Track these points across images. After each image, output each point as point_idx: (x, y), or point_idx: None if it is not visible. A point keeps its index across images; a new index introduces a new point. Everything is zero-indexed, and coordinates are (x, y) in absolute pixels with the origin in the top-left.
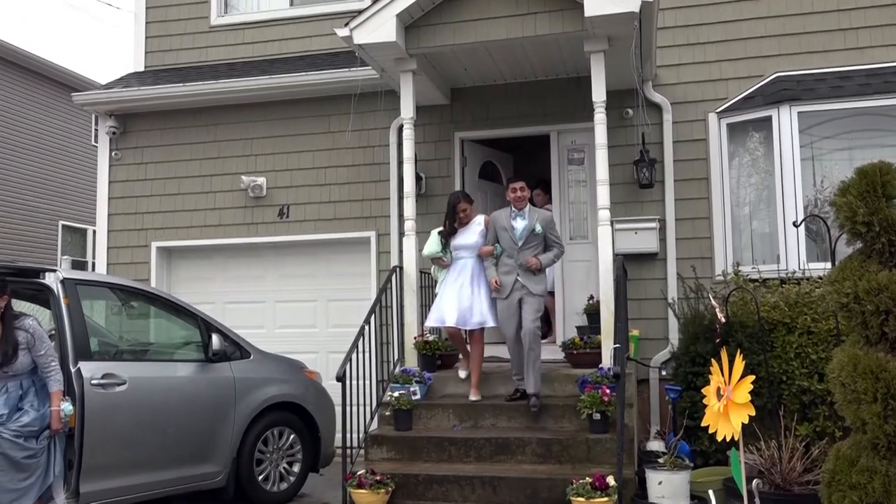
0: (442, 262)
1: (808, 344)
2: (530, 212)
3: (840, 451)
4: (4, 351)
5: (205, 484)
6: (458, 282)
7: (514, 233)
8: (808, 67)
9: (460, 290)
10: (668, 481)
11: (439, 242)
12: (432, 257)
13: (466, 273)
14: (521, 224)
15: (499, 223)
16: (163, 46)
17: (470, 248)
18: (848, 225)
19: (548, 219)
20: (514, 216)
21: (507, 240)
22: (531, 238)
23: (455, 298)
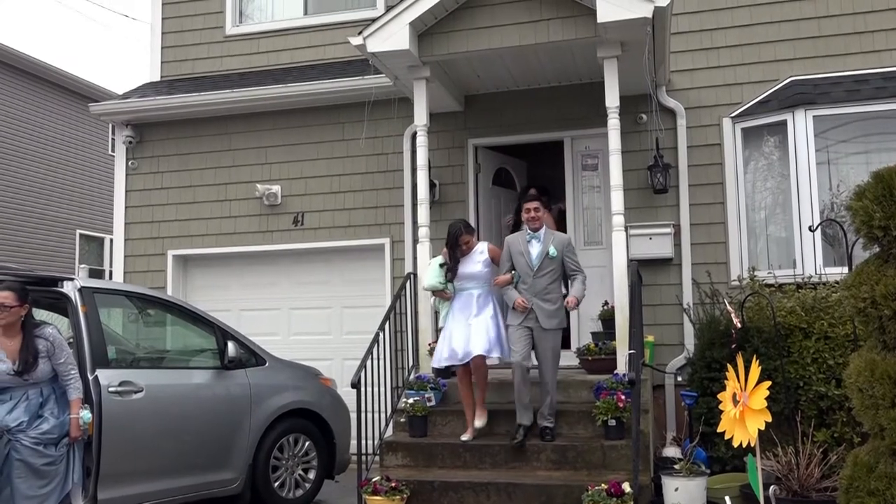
0: (444, 295)
1: (826, 349)
2: (546, 234)
3: (858, 456)
4: (25, 359)
5: (221, 491)
6: (464, 315)
7: (530, 258)
8: (823, 71)
9: (467, 323)
10: (685, 488)
11: (441, 273)
12: (433, 290)
13: (472, 305)
14: (537, 248)
15: (515, 247)
16: (178, 56)
17: (474, 279)
18: (864, 229)
19: (564, 242)
20: (529, 239)
21: (522, 265)
22: (546, 263)
23: (460, 331)
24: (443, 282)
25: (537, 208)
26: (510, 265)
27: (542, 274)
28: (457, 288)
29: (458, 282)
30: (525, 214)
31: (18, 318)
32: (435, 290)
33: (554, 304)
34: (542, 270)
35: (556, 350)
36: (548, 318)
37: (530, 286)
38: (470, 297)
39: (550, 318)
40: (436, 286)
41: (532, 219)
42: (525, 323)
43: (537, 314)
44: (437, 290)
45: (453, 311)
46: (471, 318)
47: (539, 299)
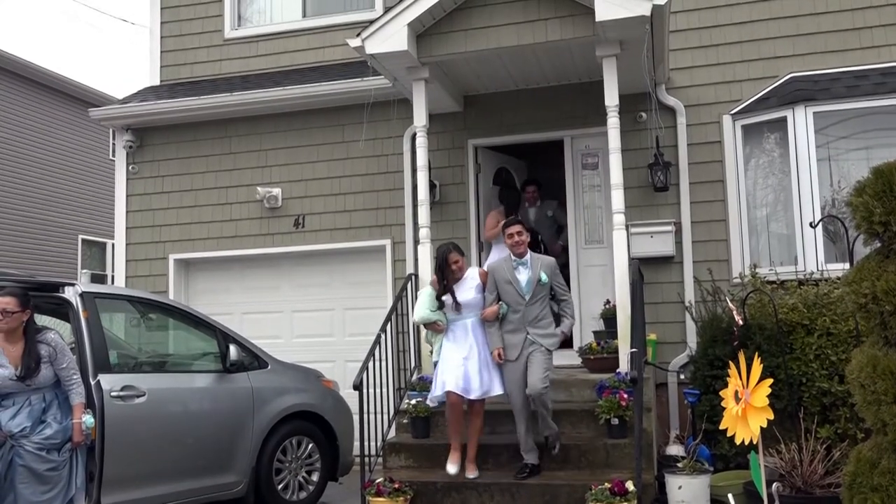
0: (438, 328)
1: (828, 345)
2: (532, 259)
3: (861, 453)
4: (27, 364)
5: (225, 494)
6: (460, 346)
7: (519, 286)
8: (822, 67)
9: (462, 356)
10: (688, 485)
11: (434, 304)
12: (426, 322)
13: (467, 335)
14: (526, 275)
15: (500, 276)
16: (178, 60)
17: (468, 307)
18: (864, 225)
19: (552, 266)
20: (515, 266)
21: (511, 294)
22: (538, 290)
23: (455, 365)
24: (434, 310)
25: (520, 232)
26: (496, 295)
27: (533, 301)
28: (449, 318)
29: (449, 311)
30: (508, 240)
31: (20, 323)
32: (427, 323)
33: (549, 329)
34: (534, 298)
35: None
36: (548, 339)
37: (522, 315)
38: (464, 328)
39: (550, 337)
40: (429, 317)
41: (516, 244)
42: (522, 358)
43: (535, 339)
44: (429, 323)
45: (447, 344)
46: (467, 350)
47: (533, 328)
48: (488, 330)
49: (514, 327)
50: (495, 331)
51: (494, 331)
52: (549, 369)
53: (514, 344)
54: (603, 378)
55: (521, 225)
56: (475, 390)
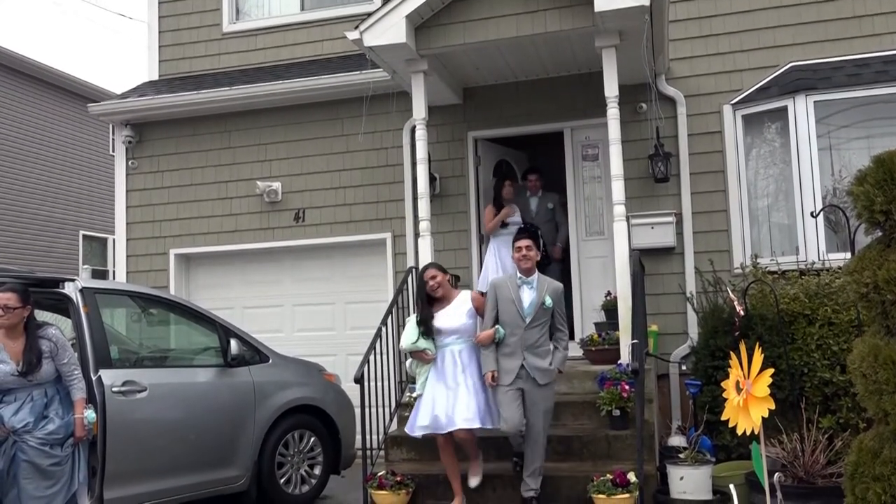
0: (426, 357)
1: (830, 335)
2: (539, 281)
3: (863, 442)
4: (29, 360)
5: (227, 488)
6: (447, 377)
7: (522, 306)
8: (823, 56)
9: (450, 386)
10: (690, 476)
11: (419, 331)
12: (412, 351)
13: (456, 365)
14: (530, 296)
15: (503, 293)
16: (176, 55)
17: (456, 333)
18: (866, 214)
19: (558, 292)
20: (520, 284)
21: (512, 314)
22: (540, 313)
23: (443, 398)
24: (425, 337)
25: (529, 246)
26: (496, 315)
27: (534, 325)
28: (437, 345)
29: (439, 337)
30: (516, 253)
31: (21, 319)
32: (414, 352)
33: (547, 358)
34: (535, 322)
35: (549, 408)
36: (543, 374)
37: (521, 338)
38: (452, 356)
39: (545, 374)
40: (417, 346)
41: (523, 258)
42: (517, 384)
43: (529, 370)
44: (416, 352)
45: (433, 374)
46: (453, 380)
47: (531, 353)
48: (483, 352)
49: (511, 351)
50: (489, 353)
51: (488, 353)
52: (550, 410)
53: (510, 369)
54: (604, 369)
55: (532, 239)
56: (460, 424)
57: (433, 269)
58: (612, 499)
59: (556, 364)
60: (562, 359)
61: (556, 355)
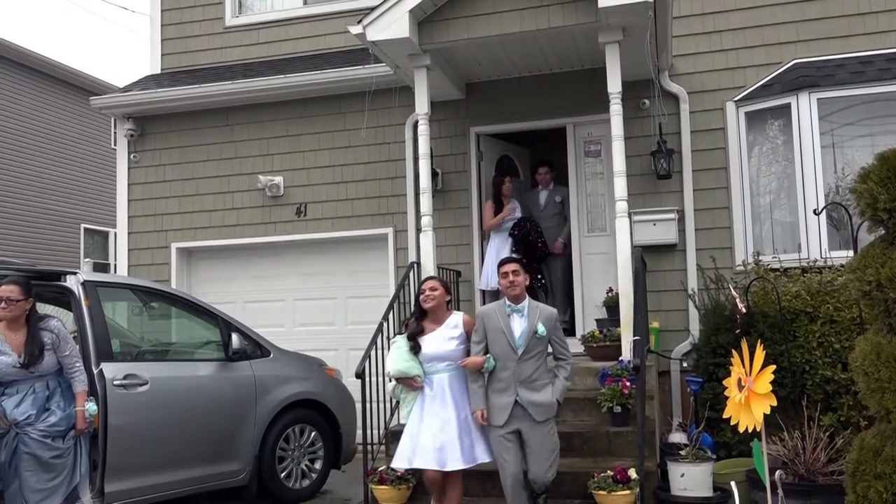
0: (415, 384)
1: (831, 333)
2: (530, 308)
3: (864, 440)
4: (31, 352)
5: (228, 482)
6: (435, 408)
7: (513, 337)
8: (827, 53)
9: (438, 419)
10: (691, 473)
11: (409, 355)
12: (400, 378)
13: (444, 395)
14: (521, 325)
15: (492, 323)
16: (178, 48)
17: (445, 359)
18: (869, 212)
19: (552, 317)
20: (510, 313)
21: (503, 346)
22: (533, 343)
23: (430, 432)
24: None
25: (516, 271)
26: (484, 346)
27: (528, 357)
28: (426, 371)
29: (426, 363)
30: (503, 280)
31: (23, 311)
32: (402, 378)
33: (544, 393)
34: (529, 353)
35: (555, 448)
36: (540, 410)
37: (514, 372)
38: (440, 385)
39: (543, 409)
40: (406, 371)
41: (510, 285)
42: (511, 425)
43: (525, 407)
44: (405, 378)
45: (418, 403)
46: (439, 413)
47: (526, 389)
48: (471, 386)
49: (503, 386)
50: (477, 388)
51: (476, 388)
52: (555, 450)
53: (502, 407)
54: (605, 366)
55: (518, 264)
56: (455, 460)
57: (436, 282)
58: (612, 495)
59: (555, 394)
60: (562, 389)
61: (556, 384)
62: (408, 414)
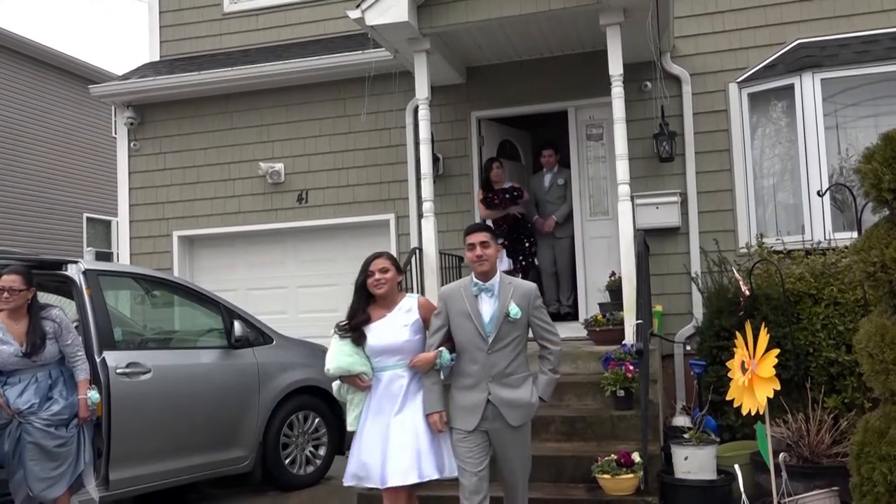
0: (361, 383)
1: (835, 315)
2: (501, 285)
3: (869, 422)
4: (33, 341)
5: (232, 469)
6: (383, 412)
7: (481, 321)
8: (831, 33)
9: (386, 426)
10: (694, 456)
11: (353, 348)
12: (343, 375)
13: (395, 397)
14: (491, 307)
15: (455, 306)
16: (177, 35)
17: (396, 352)
18: (873, 192)
19: (529, 295)
20: (477, 292)
21: (469, 333)
22: (506, 329)
23: (378, 443)
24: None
25: (485, 242)
26: (445, 333)
27: (501, 346)
28: (374, 367)
29: (374, 357)
30: (469, 252)
31: (25, 301)
32: (346, 376)
33: (523, 389)
34: (502, 340)
35: (527, 456)
36: (517, 412)
37: (484, 365)
38: (390, 384)
39: (520, 411)
40: (350, 367)
41: (477, 259)
42: (481, 426)
43: (498, 407)
44: (348, 376)
45: (368, 405)
46: (389, 416)
47: (500, 385)
48: (425, 384)
49: (472, 383)
50: (432, 385)
51: (431, 385)
52: (529, 461)
53: (472, 407)
54: (609, 350)
55: (488, 233)
56: (402, 478)
57: (386, 260)
58: (616, 479)
59: (540, 391)
60: (548, 384)
61: (539, 380)
62: (355, 420)
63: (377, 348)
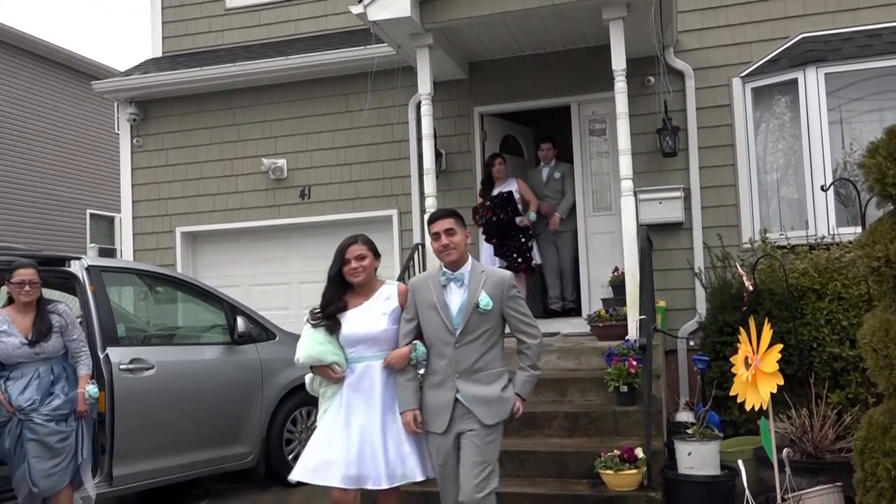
0: (334, 374)
1: (839, 310)
2: (472, 273)
3: (873, 417)
4: (39, 329)
5: (235, 465)
6: (357, 407)
7: (448, 313)
8: (835, 27)
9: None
10: (698, 452)
11: (325, 336)
12: (317, 364)
13: (372, 390)
14: (460, 298)
15: (423, 297)
16: (179, 31)
17: (374, 343)
18: (877, 187)
19: (503, 284)
20: (445, 283)
21: (436, 326)
22: (475, 321)
23: (345, 441)
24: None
25: (450, 230)
26: (415, 327)
27: (469, 339)
28: (347, 357)
29: (348, 347)
30: (434, 243)
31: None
32: (317, 367)
33: (495, 386)
34: (471, 333)
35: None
36: (489, 409)
37: (451, 360)
38: (367, 377)
39: (493, 407)
40: (321, 356)
41: (443, 249)
42: (452, 427)
43: (469, 405)
44: (319, 366)
45: (337, 400)
46: (363, 413)
47: (468, 381)
48: (399, 381)
49: (440, 380)
50: (406, 382)
51: (405, 382)
52: (489, 462)
53: (440, 408)
54: (612, 345)
55: (453, 218)
56: (375, 476)
57: (362, 246)
58: (619, 474)
59: (518, 388)
60: (526, 381)
61: (518, 376)
62: (324, 413)
63: (353, 337)
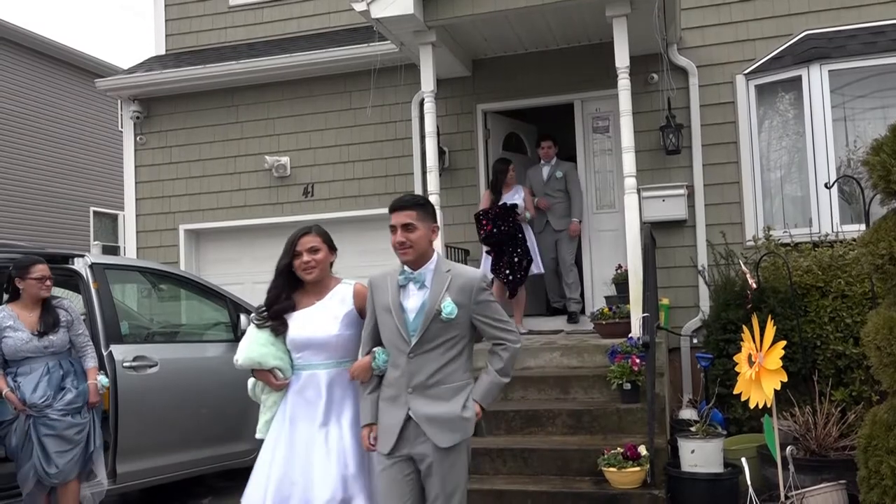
0: (273, 381)
1: (843, 308)
2: (435, 273)
3: (877, 415)
4: (46, 321)
5: (239, 462)
6: (302, 418)
7: (404, 318)
8: (839, 24)
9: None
10: (701, 449)
11: (268, 338)
12: (257, 367)
13: (317, 402)
14: (419, 300)
15: (380, 298)
16: (183, 29)
17: (323, 348)
18: (881, 184)
19: (472, 286)
20: (404, 282)
21: (391, 332)
22: (437, 328)
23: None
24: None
25: (408, 226)
26: (373, 331)
27: (426, 349)
28: (294, 365)
29: (296, 353)
30: (393, 237)
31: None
32: (257, 371)
33: (453, 403)
34: (429, 343)
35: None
36: (443, 431)
37: (404, 372)
38: (313, 387)
39: (449, 428)
40: (261, 359)
41: (399, 245)
42: (402, 450)
43: (421, 426)
44: (259, 371)
45: (284, 409)
46: (309, 427)
47: (421, 397)
48: (361, 393)
49: (393, 394)
50: (371, 396)
51: (367, 395)
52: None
53: (388, 427)
54: (615, 343)
55: (416, 211)
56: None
57: (315, 237)
58: (622, 472)
59: (478, 393)
60: (489, 386)
61: (481, 380)
62: (265, 426)
63: (300, 341)
